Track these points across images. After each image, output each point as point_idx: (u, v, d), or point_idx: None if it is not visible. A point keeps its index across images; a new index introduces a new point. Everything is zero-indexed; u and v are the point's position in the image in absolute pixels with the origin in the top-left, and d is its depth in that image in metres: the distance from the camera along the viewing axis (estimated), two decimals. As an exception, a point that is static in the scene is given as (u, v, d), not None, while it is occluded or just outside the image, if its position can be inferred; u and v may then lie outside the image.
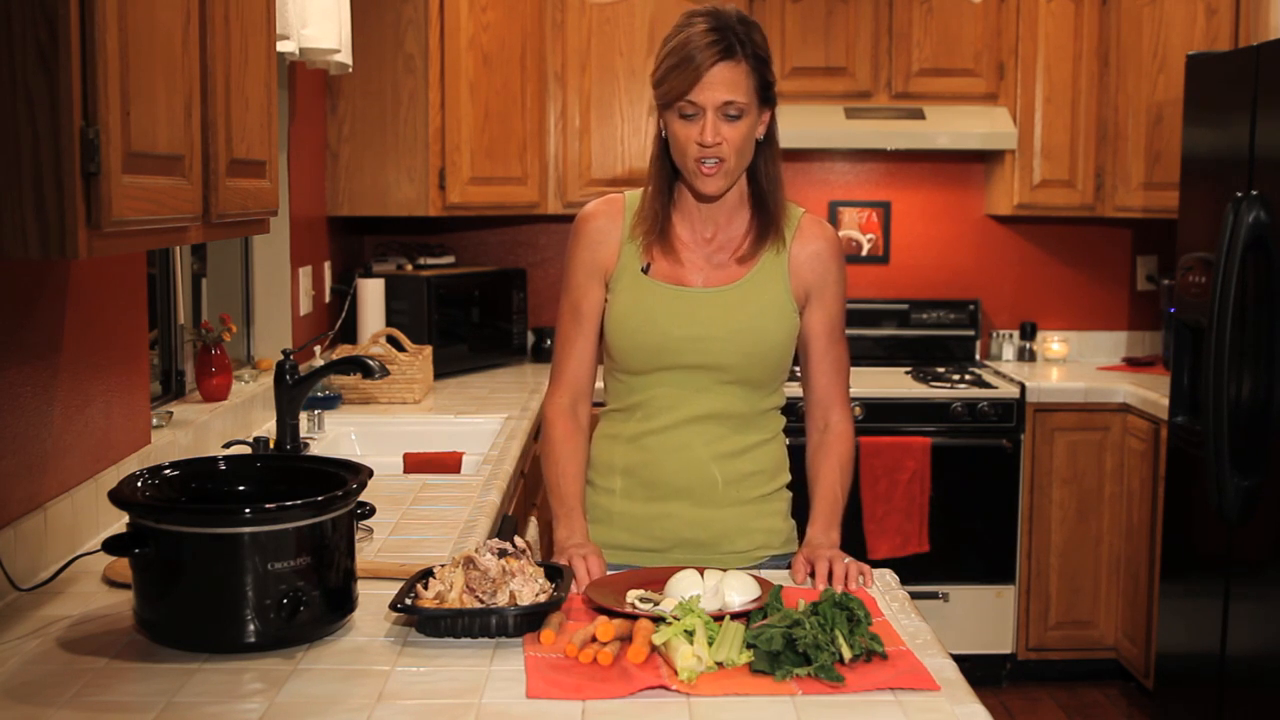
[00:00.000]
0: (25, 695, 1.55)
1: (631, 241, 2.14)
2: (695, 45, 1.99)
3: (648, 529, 2.17)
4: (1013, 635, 4.43)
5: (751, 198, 2.14)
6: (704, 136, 2.00)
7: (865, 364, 4.79)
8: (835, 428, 2.18)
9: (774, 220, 2.13)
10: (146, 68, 1.58)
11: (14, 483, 1.97)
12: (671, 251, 2.13)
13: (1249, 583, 3.41)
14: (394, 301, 4.17)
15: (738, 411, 2.15)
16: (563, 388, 2.19)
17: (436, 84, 4.10)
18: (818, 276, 2.15)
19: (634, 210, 2.16)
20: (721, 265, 2.14)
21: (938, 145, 4.47)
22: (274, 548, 1.65)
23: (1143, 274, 4.98)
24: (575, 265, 2.17)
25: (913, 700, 1.55)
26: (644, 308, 2.11)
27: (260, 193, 2.06)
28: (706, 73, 1.98)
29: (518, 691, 1.56)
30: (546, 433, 2.19)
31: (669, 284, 2.12)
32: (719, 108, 2.00)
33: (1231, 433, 3.41)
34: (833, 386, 2.19)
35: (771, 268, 2.13)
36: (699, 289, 2.12)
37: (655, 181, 2.13)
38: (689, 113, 2.01)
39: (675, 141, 2.05)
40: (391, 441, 3.46)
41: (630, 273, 2.13)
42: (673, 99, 2.01)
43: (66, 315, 2.16)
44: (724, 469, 2.15)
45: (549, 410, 2.19)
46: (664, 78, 2.02)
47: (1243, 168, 3.45)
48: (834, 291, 2.16)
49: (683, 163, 2.06)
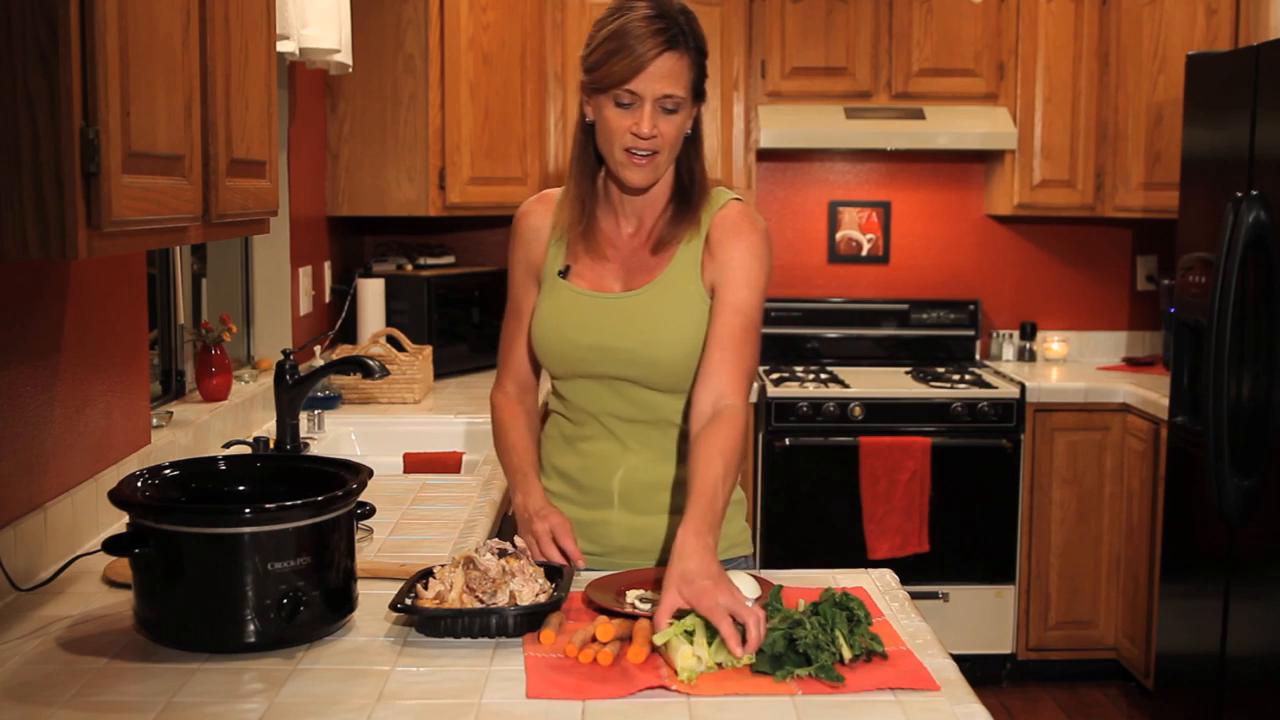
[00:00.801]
0: (25, 695, 1.55)
1: (557, 240, 2.09)
2: (639, 32, 1.90)
3: (588, 534, 2.11)
4: (1013, 635, 4.43)
5: (674, 190, 2.06)
6: (641, 128, 1.92)
7: (865, 364, 4.79)
8: (724, 413, 1.92)
9: (693, 207, 2.04)
10: (146, 68, 1.58)
11: (14, 483, 1.97)
12: (594, 248, 2.07)
13: (1249, 583, 3.41)
14: (394, 301, 4.17)
15: (662, 416, 2.08)
16: (508, 379, 2.19)
17: (436, 84, 4.10)
18: (721, 260, 2.02)
19: (557, 204, 2.10)
20: (642, 261, 2.07)
21: (938, 145, 4.47)
22: (274, 548, 1.65)
23: (1143, 274, 4.98)
24: (513, 264, 2.16)
25: (913, 700, 1.55)
26: (553, 317, 2.07)
27: (260, 193, 2.06)
28: (651, 63, 1.90)
29: (518, 691, 1.56)
30: (494, 416, 2.19)
31: (583, 290, 2.07)
32: (658, 99, 1.92)
33: (1231, 433, 3.41)
34: (727, 364, 1.96)
35: (686, 262, 2.04)
36: (611, 295, 2.05)
37: (578, 172, 2.06)
38: (625, 101, 1.93)
39: (606, 128, 1.96)
40: (391, 441, 3.46)
41: (550, 276, 2.09)
42: (609, 85, 1.92)
43: (66, 315, 2.16)
44: (654, 475, 2.09)
45: (495, 396, 2.20)
46: (601, 62, 1.93)
47: (1243, 168, 3.45)
48: (739, 274, 2.00)
49: (610, 151, 1.98)
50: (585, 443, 2.12)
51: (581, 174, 2.06)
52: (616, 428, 2.10)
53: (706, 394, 1.95)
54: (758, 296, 2.03)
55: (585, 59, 1.98)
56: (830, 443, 4.27)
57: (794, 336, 4.84)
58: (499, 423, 2.17)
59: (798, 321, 4.85)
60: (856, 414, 4.26)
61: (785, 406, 4.25)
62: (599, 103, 1.97)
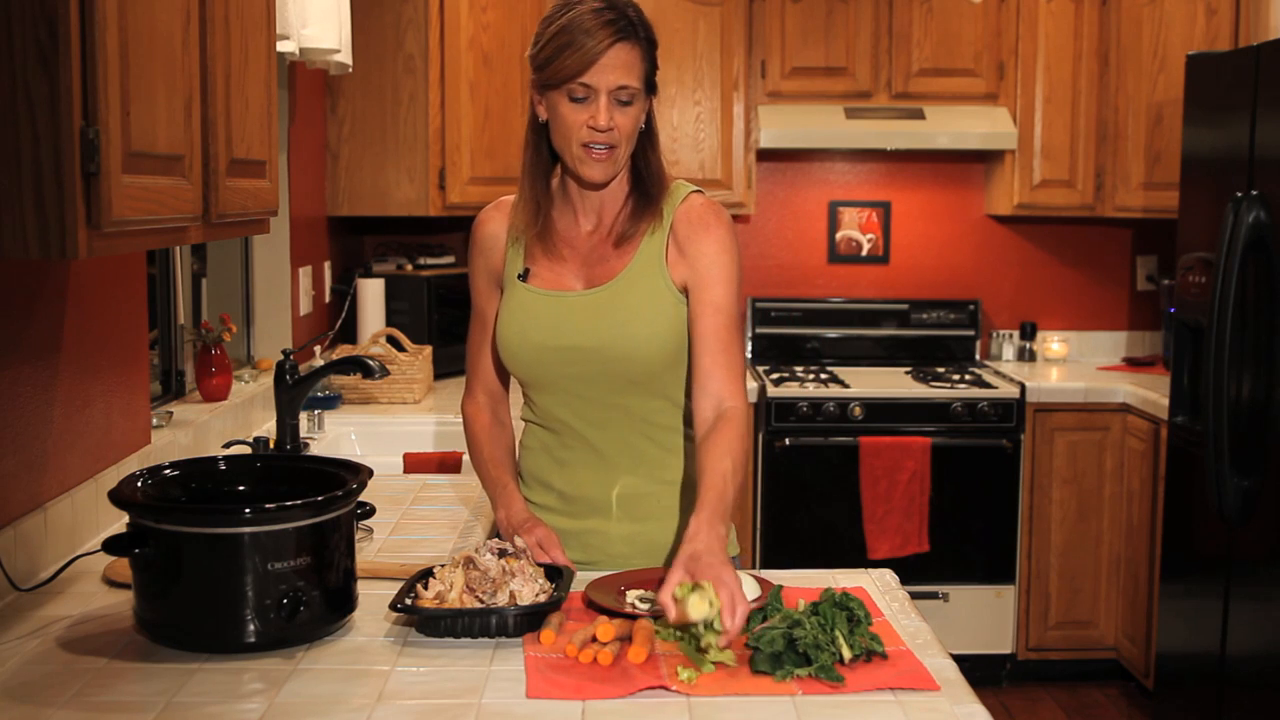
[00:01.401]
0: (25, 695, 1.55)
1: (514, 244, 2.07)
2: (588, 25, 1.87)
3: (580, 543, 2.08)
4: (1013, 635, 4.43)
5: (632, 184, 2.03)
6: (597, 121, 1.90)
7: (865, 364, 4.79)
8: (726, 414, 1.94)
9: (653, 200, 2.01)
10: (146, 68, 1.58)
11: (14, 483, 1.97)
12: (552, 249, 2.04)
13: (1249, 583, 3.41)
14: (394, 301, 4.17)
15: (639, 417, 2.05)
16: (478, 390, 2.18)
17: (436, 84, 4.10)
18: (691, 256, 2.00)
19: (512, 207, 2.08)
20: (603, 258, 2.03)
21: (938, 145, 4.47)
22: (274, 548, 1.65)
23: (1143, 274, 4.98)
24: (474, 272, 2.13)
25: (913, 700, 1.55)
26: (516, 321, 2.04)
27: (260, 193, 2.06)
28: (603, 54, 1.87)
29: (518, 691, 1.56)
30: (468, 429, 2.17)
31: (544, 290, 2.03)
32: (613, 91, 1.90)
33: (1231, 433, 3.41)
34: (719, 368, 1.96)
35: (649, 257, 2.01)
36: (574, 293, 2.02)
37: (530, 172, 2.03)
38: (580, 96, 1.90)
39: (561, 124, 1.93)
40: (391, 441, 3.46)
41: (510, 280, 2.07)
42: (562, 80, 1.89)
43: (66, 315, 2.16)
44: (639, 479, 2.07)
45: (467, 408, 2.18)
46: (552, 58, 1.90)
47: (1243, 168, 3.45)
48: (712, 271, 1.98)
49: (566, 148, 1.95)
50: (565, 451, 2.08)
51: (535, 175, 2.04)
52: (595, 436, 2.06)
53: (706, 400, 1.96)
54: (735, 290, 2.01)
55: (534, 57, 1.95)
56: (830, 443, 4.27)
57: (794, 336, 4.84)
58: (472, 435, 2.16)
59: (798, 321, 4.84)
60: (856, 414, 4.26)
61: (785, 406, 4.25)
62: (552, 100, 1.94)
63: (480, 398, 2.18)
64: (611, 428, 2.06)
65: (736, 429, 1.92)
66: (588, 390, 2.03)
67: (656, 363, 2.00)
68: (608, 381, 2.02)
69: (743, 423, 1.95)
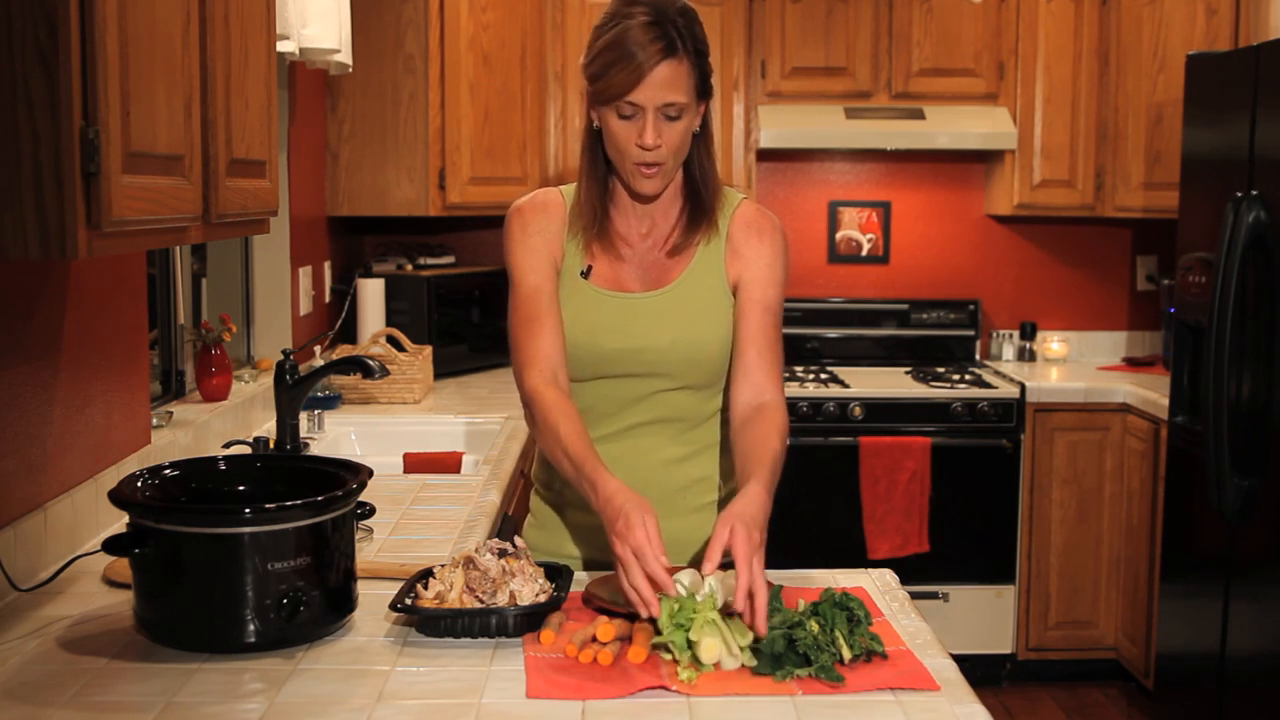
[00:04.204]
0: (25, 695, 1.55)
1: (572, 239, 2.07)
2: (636, 40, 1.89)
3: (601, 540, 1.99)
4: (1013, 635, 4.43)
5: (686, 189, 2.07)
6: (645, 139, 1.93)
7: (865, 364, 4.80)
8: (767, 404, 1.98)
9: (707, 209, 2.05)
10: (146, 68, 1.58)
11: (14, 483, 1.97)
12: (611, 249, 2.07)
13: (1249, 583, 3.41)
14: (394, 301, 4.17)
15: (682, 416, 2.08)
16: (539, 363, 1.99)
17: (436, 84, 4.10)
18: (746, 258, 2.05)
19: (572, 206, 2.08)
20: (658, 262, 2.07)
21: (938, 145, 4.47)
22: (274, 548, 1.65)
23: (1143, 274, 4.98)
24: (527, 251, 2.05)
25: (913, 700, 1.55)
26: (582, 319, 2.04)
27: (260, 193, 2.06)
28: (649, 73, 1.89)
29: (518, 691, 1.56)
30: (537, 403, 1.96)
31: (607, 290, 2.05)
32: (660, 108, 1.92)
33: (1231, 433, 3.41)
34: (763, 362, 2.01)
35: (707, 263, 2.05)
36: (637, 295, 2.05)
37: (588, 176, 2.05)
38: (628, 113, 1.93)
39: (613, 140, 1.97)
40: (391, 441, 3.46)
41: (571, 275, 2.07)
42: (610, 98, 1.92)
43: (66, 315, 2.16)
44: (672, 475, 2.09)
45: (531, 384, 1.97)
46: (601, 73, 1.93)
47: (1243, 168, 3.45)
48: (766, 272, 2.05)
49: (619, 161, 1.99)
50: (597, 445, 2.01)
51: (592, 179, 2.06)
52: (633, 429, 2.08)
53: (748, 389, 2.01)
54: (781, 292, 2.09)
55: (586, 68, 1.97)
56: (830, 443, 4.27)
57: (794, 336, 4.84)
58: (543, 409, 1.95)
59: (798, 321, 4.84)
60: (856, 414, 4.26)
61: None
62: (603, 113, 1.97)
63: (542, 371, 1.99)
64: (653, 426, 2.08)
65: (778, 417, 1.98)
66: (637, 387, 2.06)
67: (719, 363, 2.06)
68: (666, 381, 2.05)
69: (782, 415, 2.00)
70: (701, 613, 1.64)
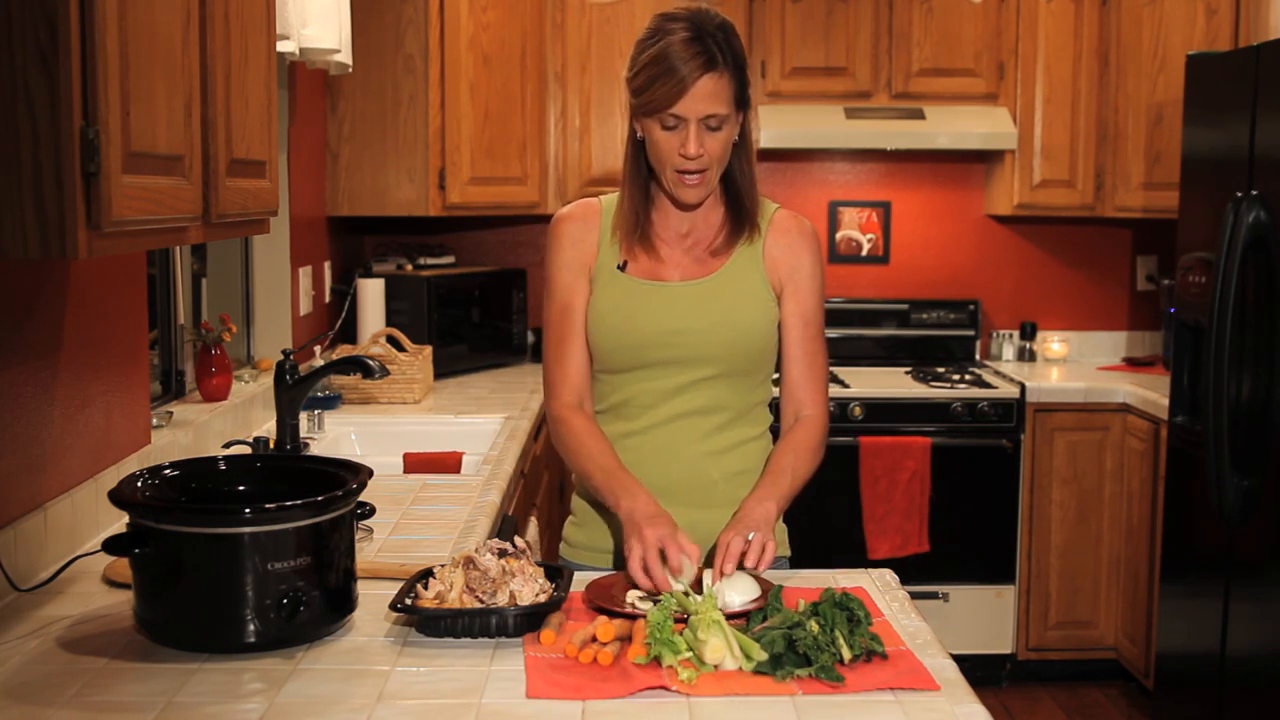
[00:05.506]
0: (25, 695, 1.55)
1: (611, 242, 2.13)
2: (678, 55, 1.97)
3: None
4: (1013, 635, 4.43)
5: (726, 195, 2.15)
6: (687, 149, 2.00)
7: (865, 364, 4.79)
8: (804, 420, 2.16)
9: (748, 215, 2.13)
10: (146, 68, 1.58)
11: (14, 483, 1.97)
12: (650, 248, 2.13)
13: (1249, 583, 3.41)
14: (394, 301, 4.17)
15: (723, 406, 2.13)
16: (566, 388, 2.14)
17: (436, 84, 4.10)
18: (790, 265, 2.14)
19: (611, 213, 2.15)
20: (698, 259, 2.14)
21: (938, 145, 4.47)
22: (274, 548, 1.65)
23: (1143, 274, 4.98)
24: (559, 265, 2.15)
25: (913, 700, 1.55)
26: (622, 305, 2.10)
27: (260, 193, 2.06)
28: (692, 86, 1.96)
29: (518, 691, 1.56)
30: (565, 428, 2.12)
31: (645, 279, 2.11)
32: (702, 119, 1.99)
33: (1231, 433, 3.41)
34: (804, 379, 2.16)
35: (747, 259, 2.13)
36: (676, 283, 2.11)
37: (631, 183, 2.12)
38: (671, 124, 2.00)
39: (656, 150, 2.04)
40: (391, 441, 3.46)
41: (608, 271, 2.12)
42: (654, 110, 2.00)
43: (66, 315, 2.16)
44: (715, 466, 2.13)
45: (558, 409, 2.14)
46: (645, 87, 2.00)
47: (1243, 168, 3.45)
48: (808, 284, 2.15)
49: (661, 171, 2.06)
50: (636, 438, 2.13)
51: (635, 185, 2.12)
52: (673, 421, 2.11)
53: (790, 406, 2.18)
54: (820, 300, 2.18)
55: (630, 81, 2.05)
56: (830, 442, 4.25)
57: (794, 336, 4.83)
58: (572, 432, 2.11)
59: (798, 321, 4.83)
60: (856, 414, 4.26)
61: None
62: (647, 124, 2.05)
63: (569, 397, 2.14)
64: (693, 418, 2.12)
65: (808, 431, 2.14)
66: (679, 377, 2.10)
67: (757, 350, 2.13)
68: (706, 367, 2.10)
69: (817, 428, 2.16)
70: (706, 613, 1.64)
